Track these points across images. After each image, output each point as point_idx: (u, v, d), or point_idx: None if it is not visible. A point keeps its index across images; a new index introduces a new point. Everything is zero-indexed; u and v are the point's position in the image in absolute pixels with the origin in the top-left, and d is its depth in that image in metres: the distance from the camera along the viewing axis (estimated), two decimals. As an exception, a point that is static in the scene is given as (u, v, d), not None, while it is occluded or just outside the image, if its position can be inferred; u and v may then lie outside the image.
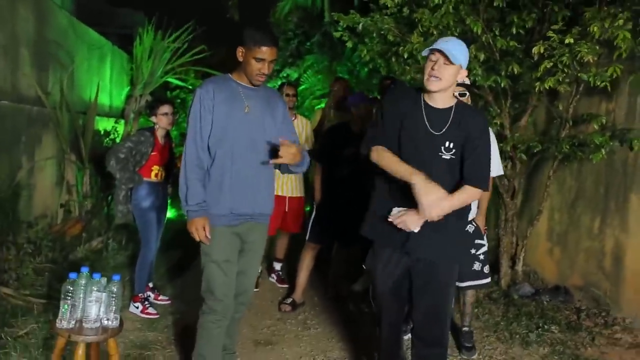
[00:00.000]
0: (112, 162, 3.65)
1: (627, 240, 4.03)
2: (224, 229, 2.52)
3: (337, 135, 4.08)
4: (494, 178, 3.39)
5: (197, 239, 2.49)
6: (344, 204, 3.95)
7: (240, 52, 2.49)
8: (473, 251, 3.30)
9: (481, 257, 3.32)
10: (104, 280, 2.28)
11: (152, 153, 3.77)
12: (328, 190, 4.08)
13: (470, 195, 2.31)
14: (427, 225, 2.27)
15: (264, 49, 2.42)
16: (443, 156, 2.29)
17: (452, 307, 2.91)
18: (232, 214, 2.52)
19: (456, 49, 2.22)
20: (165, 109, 3.79)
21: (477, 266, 3.31)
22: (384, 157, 2.32)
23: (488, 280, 3.41)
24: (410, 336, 3.38)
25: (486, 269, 3.35)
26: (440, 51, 2.20)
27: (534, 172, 4.86)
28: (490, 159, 2.39)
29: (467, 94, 3.16)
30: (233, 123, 2.50)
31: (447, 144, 2.29)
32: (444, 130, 2.28)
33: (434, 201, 2.15)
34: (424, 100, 2.33)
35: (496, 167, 3.31)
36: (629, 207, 4.01)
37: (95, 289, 2.24)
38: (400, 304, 2.55)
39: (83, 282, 2.24)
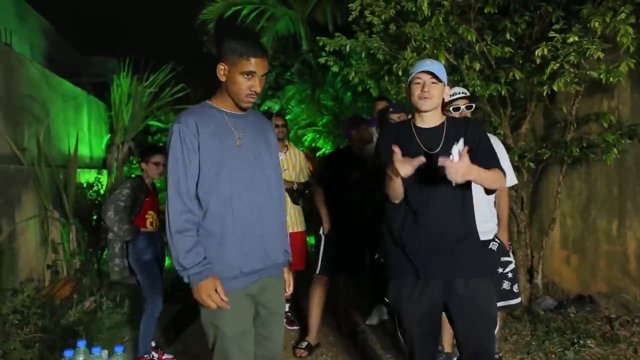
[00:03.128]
0: (110, 213, 3.41)
1: (650, 240, 3.85)
2: (235, 293, 2.04)
3: (339, 159, 3.96)
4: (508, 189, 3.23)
5: (213, 307, 1.98)
6: (352, 231, 3.79)
7: (222, 70, 2.03)
8: (500, 270, 3.06)
9: (509, 275, 3.09)
10: (104, 353, 2.00)
11: (146, 199, 3.57)
12: (336, 217, 3.86)
13: (498, 175, 2.20)
14: (455, 245, 2.26)
15: (254, 60, 1.99)
16: None
17: (497, 324, 2.71)
18: (242, 274, 2.06)
19: (439, 69, 2.28)
20: (158, 158, 3.61)
21: (506, 285, 3.06)
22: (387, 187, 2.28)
23: (519, 300, 3.15)
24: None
25: (516, 288, 3.11)
26: (427, 72, 2.25)
27: (540, 180, 4.69)
28: (496, 153, 2.35)
29: (473, 105, 3.02)
30: (227, 162, 2.04)
31: (449, 157, 2.20)
32: (441, 146, 2.28)
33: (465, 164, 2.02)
34: (415, 125, 2.37)
35: (510, 176, 3.13)
36: (648, 205, 3.84)
37: (96, 365, 1.95)
38: (434, 335, 2.39)
39: (81, 358, 1.95)
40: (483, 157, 2.25)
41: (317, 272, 3.86)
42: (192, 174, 2.02)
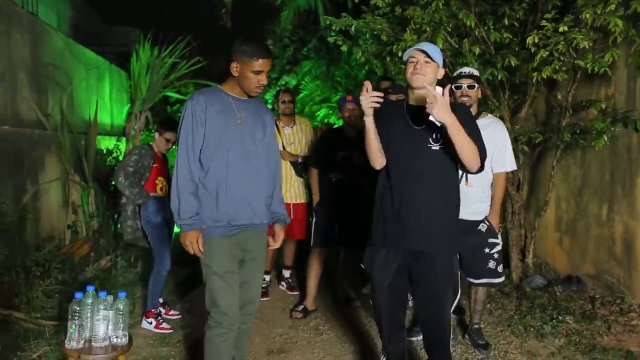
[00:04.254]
0: (121, 179, 3.65)
1: (637, 226, 3.98)
2: (222, 239, 2.48)
3: (330, 139, 4.17)
4: (506, 173, 3.37)
5: (191, 252, 2.46)
6: (342, 207, 4.01)
7: (235, 68, 2.45)
8: (487, 250, 3.26)
9: (495, 255, 3.28)
10: (110, 298, 2.28)
11: (154, 165, 3.81)
12: (325, 194, 4.11)
13: (474, 148, 2.32)
14: (422, 218, 2.42)
15: (261, 61, 2.41)
16: (432, 147, 2.41)
17: (454, 297, 2.93)
18: (229, 225, 2.49)
19: (433, 50, 2.44)
20: (169, 135, 3.84)
21: (491, 264, 3.27)
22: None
23: (502, 279, 3.36)
24: (421, 337, 3.43)
25: (500, 268, 3.31)
26: (421, 51, 2.41)
27: (537, 163, 4.82)
28: (482, 141, 2.43)
29: (476, 85, 3.14)
30: (227, 135, 2.46)
31: (434, 135, 2.42)
32: (426, 124, 2.40)
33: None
34: (407, 102, 2.53)
35: (510, 162, 3.27)
36: (636, 192, 3.97)
37: (102, 307, 2.24)
38: (400, 302, 2.59)
39: (89, 301, 2.24)
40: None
41: (312, 244, 4.13)
42: (197, 142, 2.45)
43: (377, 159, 2.48)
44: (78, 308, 2.21)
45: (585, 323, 3.71)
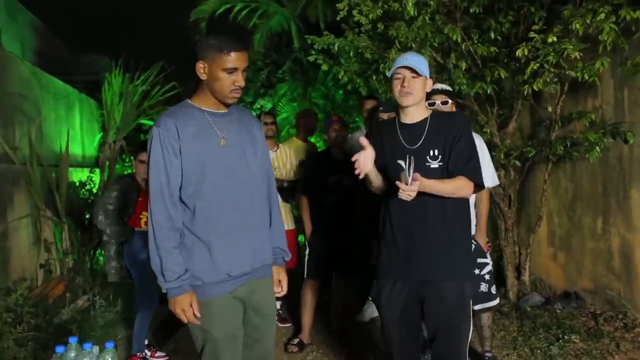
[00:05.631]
0: (101, 218, 3.40)
1: (634, 237, 3.92)
2: (223, 298, 2.02)
3: (318, 164, 3.97)
4: (490, 189, 3.25)
5: (185, 320, 1.98)
6: (336, 233, 3.83)
7: (201, 68, 1.96)
8: (477, 271, 3.08)
9: (487, 277, 3.11)
10: (96, 349, 2.03)
11: (139, 199, 3.56)
12: (318, 221, 3.90)
13: (459, 184, 2.21)
14: (429, 246, 2.27)
15: (234, 54, 1.92)
16: (431, 166, 2.26)
17: (469, 328, 2.76)
18: (230, 278, 2.02)
19: (419, 62, 2.27)
20: (144, 156, 3.52)
21: (484, 287, 3.09)
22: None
23: (497, 301, 3.19)
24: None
25: (493, 289, 3.15)
26: (406, 67, 2.25)
27: (526, 178, 4.76)
28: (476, 153, 2.32)
29: (450, 101, 3.01)
30: (210, 164, 1.97)
31: (431, 152, 2.28)
32: (421, 142, 2.28)
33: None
34: (399, 120, 2.38)
35: (490, 177, 3.13)
36: (631, 203, 3.91)
37: (86, 361, 1.99)
38: (412, 334, 2.40)
39: (72, 354, 1.99)
40: (456, 159, 2.24)
41: (305, 276, 3.92)
42: (174, 178, 1.96)
43: (380, 189, 2.35)
44: (59, 365, 1.96)
45: (592, 342, 3.59)
